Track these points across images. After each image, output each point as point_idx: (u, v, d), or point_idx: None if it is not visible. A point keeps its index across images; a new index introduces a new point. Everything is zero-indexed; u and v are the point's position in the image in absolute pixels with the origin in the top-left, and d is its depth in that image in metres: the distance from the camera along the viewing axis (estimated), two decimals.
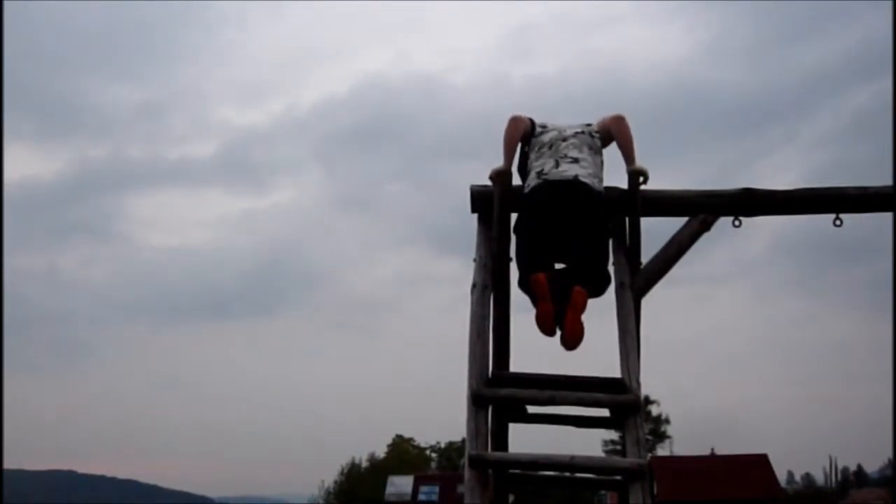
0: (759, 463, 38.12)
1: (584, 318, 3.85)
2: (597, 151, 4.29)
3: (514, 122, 4.32)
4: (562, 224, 4.05)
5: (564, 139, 4.27)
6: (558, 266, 4.10)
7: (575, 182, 4.09)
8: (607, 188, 4.21)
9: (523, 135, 4.34)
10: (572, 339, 3.84)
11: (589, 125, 4.40)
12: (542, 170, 4.18)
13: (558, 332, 3.90)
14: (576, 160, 4.17)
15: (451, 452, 58.66)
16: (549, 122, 4.43)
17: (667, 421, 53.78)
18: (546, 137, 4.31)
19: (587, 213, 4.07)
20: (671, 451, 50.82)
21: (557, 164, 4.17)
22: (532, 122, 4.38)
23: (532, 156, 4.30)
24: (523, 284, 4.07)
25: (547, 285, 3.85)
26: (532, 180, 4.19)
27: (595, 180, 4.15)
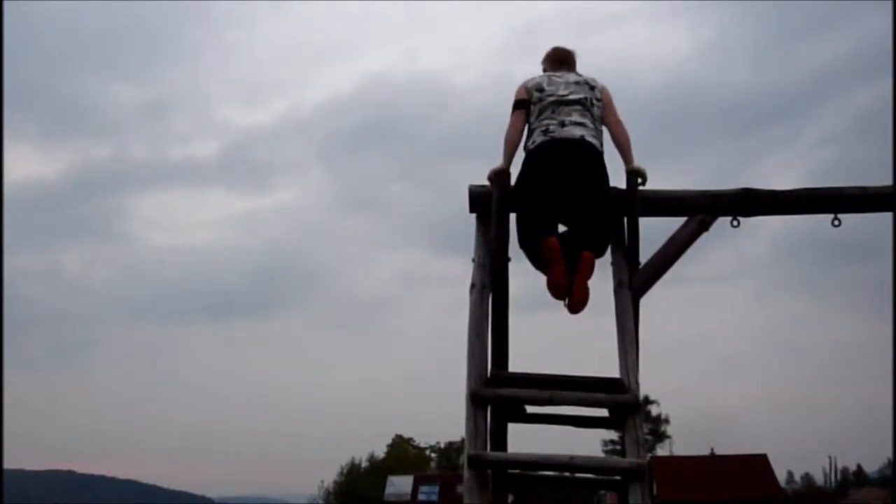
0: (759, 463, 38.12)
1: (589, 284, 3.94)
2: (598, 119, 4.33)
3: (513, 123, 4.33)
4: (565, 182, 4.09)
5: (568, 103, 4.29)
6: (561, 226, 4.17)
7: (581, 141, 4.15)
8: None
9: (522, 125, 4.34)
10: (580, 304, 3.92)
11: (592, 88, 4.38)
12: (548, 128, 4.22)
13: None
14: (580, 123, 4.22)
15: (450, 452, 58.68)
16: (546, 82, 4.40)
17: (667, 421, 53.86)
18: (546, 102, 4.31)
19: (591, 171, 4.13)
20: (671, 451, 50.85)
21: (563, 125, 4.21)
22: (527, 103, 4.35)
23: (534, 118, 4.31)
24: (526, 244, 4.10)
25: (560, 250, 3.90)
26: (538, 137, 4.23)
27: (598, 142, 4.22)
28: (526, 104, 4.36)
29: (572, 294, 3.91)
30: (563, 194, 4.10)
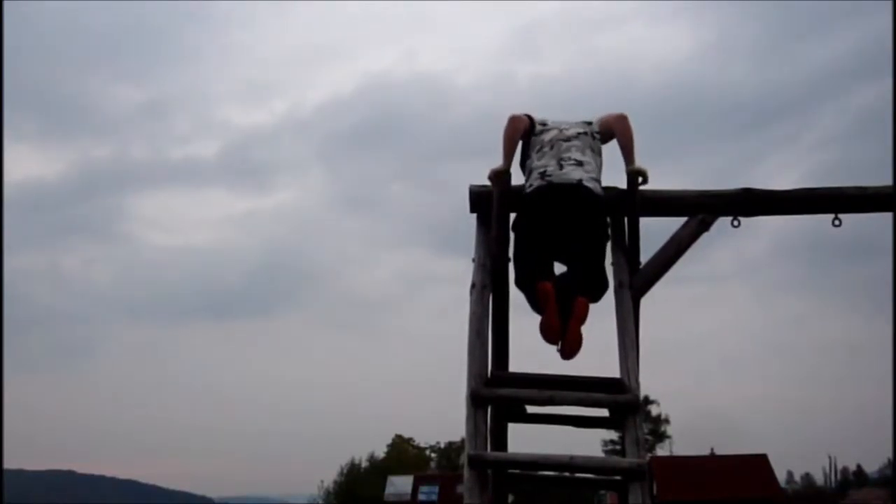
0: (759, 463, 38.20)
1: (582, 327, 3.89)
2: (598, 153, 4.31)
3: (513, 121, 4.32)
4: (563, 227, 4.07)
5: (567, 139, 4.27)
6: (557, 265, 4.13)
7: (578, 186, 4.10)
8: (606, 188, 4.21)
9: (523, 133, 4.34)
10: (573, 350, 3.88)
11: (589, 124, 4.40)
12: (546, 171, 4.18)
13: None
14: (579, 163, 4.18)
15: (450, 452, 58.74)
16: (549, 119, 4.44)
17: (667, 421, 53.97)
18: (547, 136, 4.31)
19: (589, 217, 4.10)
20: (671, 451, 50.93)
21: (561, 166, 4.17)
22: (531, 120, 4.38)
23: (533, 154, 4.30)
24: (523, 285, 4.08)
25: (555, 296, 3.87)
26: (535, 180, 4.19)
27: (596, 184, 4.18)
28: (531, 119, 4.37)
29: (565, 339, 3.87)
30: (557, 238, 4.08)
